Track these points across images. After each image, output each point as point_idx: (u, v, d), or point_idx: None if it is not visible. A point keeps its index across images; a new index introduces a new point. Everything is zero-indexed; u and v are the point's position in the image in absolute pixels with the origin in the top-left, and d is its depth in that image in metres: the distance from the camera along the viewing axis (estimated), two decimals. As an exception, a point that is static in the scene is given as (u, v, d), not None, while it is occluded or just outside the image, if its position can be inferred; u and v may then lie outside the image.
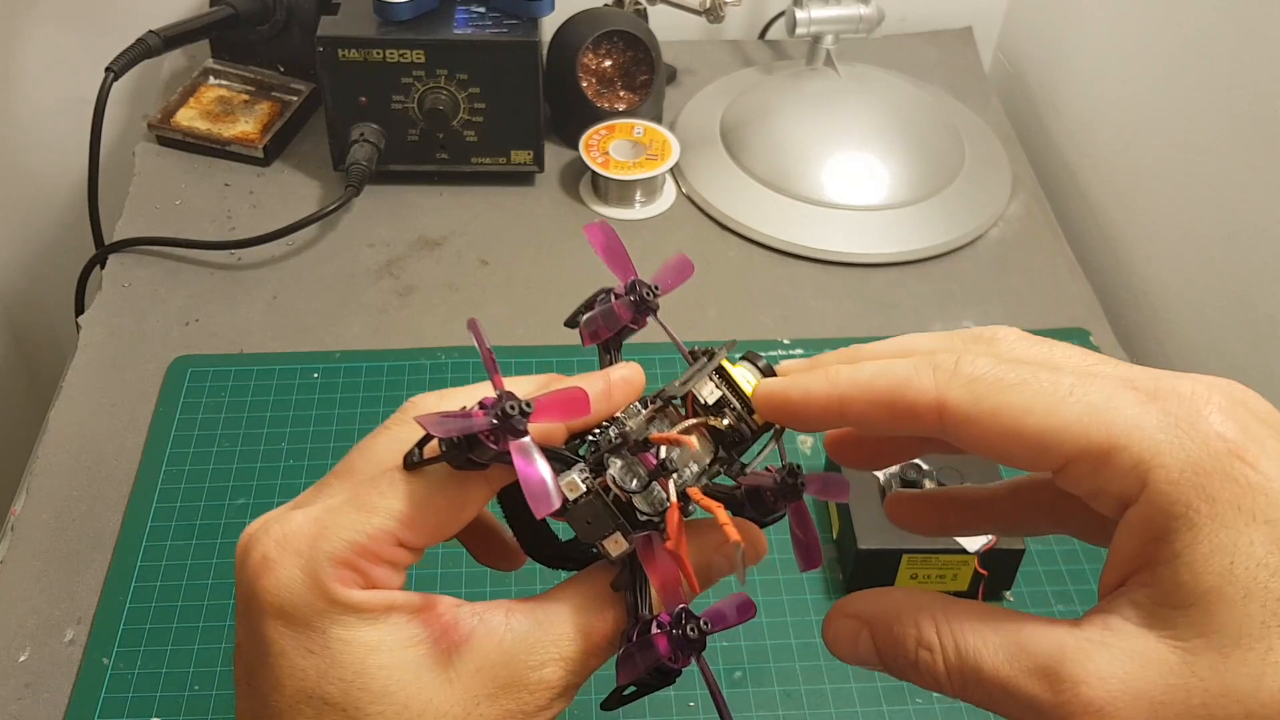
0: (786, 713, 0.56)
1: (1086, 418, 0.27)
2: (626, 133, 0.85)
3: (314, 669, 0.30)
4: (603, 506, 0.32)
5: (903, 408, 0.29)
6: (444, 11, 0.80)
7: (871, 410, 0.30)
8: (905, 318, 0.76)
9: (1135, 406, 0.27)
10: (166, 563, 0.61)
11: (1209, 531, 0.25)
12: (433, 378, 0.71)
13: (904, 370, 0.30)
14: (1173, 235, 0.80)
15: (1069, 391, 0.27)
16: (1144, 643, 0.26)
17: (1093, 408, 0.27)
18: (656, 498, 0.32)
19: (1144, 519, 0.26)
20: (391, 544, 0.31)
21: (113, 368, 0.71)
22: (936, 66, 0.99)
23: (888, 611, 0.31)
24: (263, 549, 0.30)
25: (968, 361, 0.29)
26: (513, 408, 0.29)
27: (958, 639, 0.29)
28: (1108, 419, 0.27)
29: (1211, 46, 0.75)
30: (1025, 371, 0.28)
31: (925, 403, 0.29)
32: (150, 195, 0.84)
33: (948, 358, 0.29)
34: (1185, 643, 0.25)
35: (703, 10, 0.89)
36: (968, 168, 0.87)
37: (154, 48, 0.82)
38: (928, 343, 0.32)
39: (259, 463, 0.66)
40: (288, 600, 0.30)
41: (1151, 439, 0.26)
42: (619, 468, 0.32)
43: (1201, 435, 0.26)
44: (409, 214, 0.83)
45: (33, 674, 0.56)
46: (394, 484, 0.31)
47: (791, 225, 0.82)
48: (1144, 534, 0.26)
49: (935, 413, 0.29)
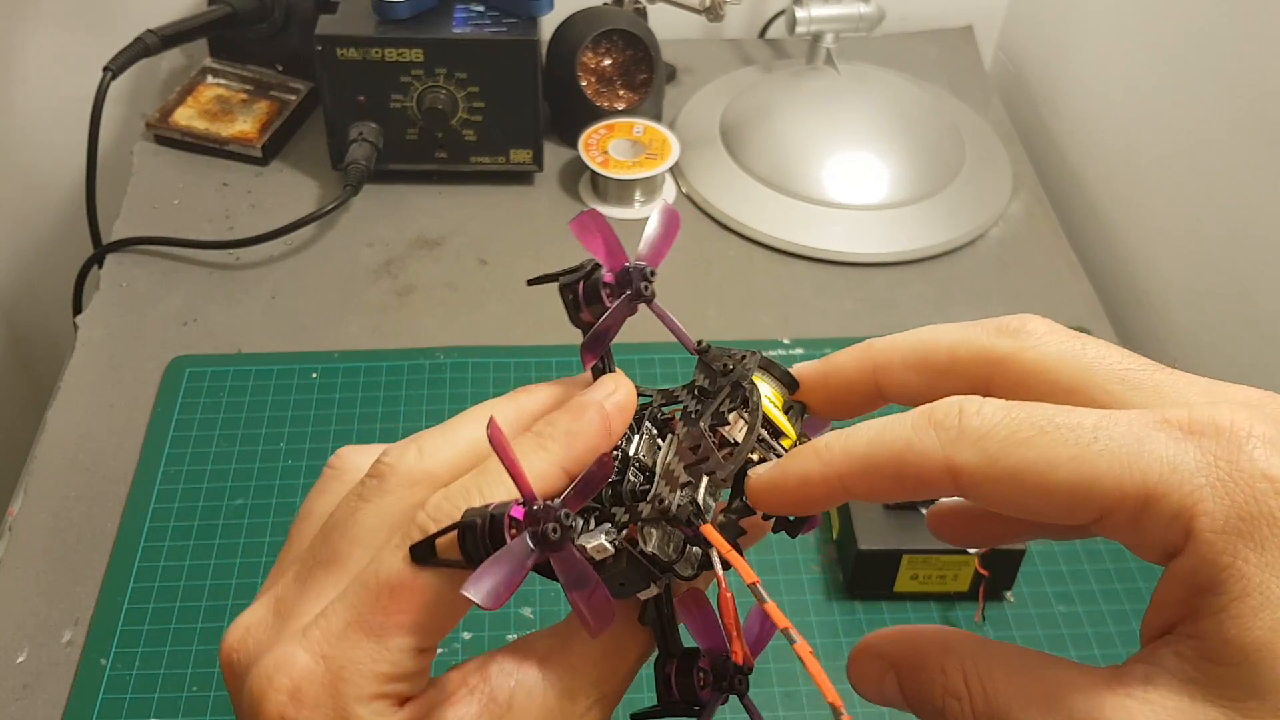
0: (787, 713, 0.56)
1: (1118, 467, 0.24)
2: (626, 132, 0.85)
3: None
4: (636, 564, 0.29)
5: (910, 479, 0.27)
6: (443, 10, 0.79)
7: (879, 484, 0.27)
8: (905, 318, 0.76)
9: (1170, 446, 0.24)
10: (164, 563, 0.61)
11: (1258, 583, 0.23)
12: (431, 377, 0.71)
13: (902, 435, 0.27)
14: (1174, 234, 0.80)
15: (1093, 437, 0.24)
16: (1189, 702, 0.24)
17: (1124, 454, 0.24)
18: (693, 556, 0.30)
19: (1189, 570, 0.24)
20: (414, 657, 0.29)
21: (111, 368, 0.71)
22: (937, 65, 0.99)
23: (914, 654, 0.29)
24: (278, 709, 0.28)
25: (973, 414, 0.26)
26: (555, 530, 0.27)
27: (987, 688, 0.27)
28: (1142, 466, 0.24)
29: (1213, 46, 0.75)
30: (1040, 417, 0.25)
31: (933, 470, 0.26)
32: (148, 195, 0.84)
33: (950, 412, 0.26)
34: (1235, 703, 0.23)
35: (702, 9, 0.89)
36: (968, 167, 0.87)
37: (152, 47, 0.81)
38: (947, 339, 0.30)
39: (257, 463, 0.66)
40: None
41: (1192, 484, 0.24)
42: (656, 539, 0.29)
43: (1246, 477, 0.23)
44: (408, 213, 0.83)
45: (31, 675, 0.56)
46: (400, 594, 0.29)
47: (791, 225, 0.82)
48: (1189, 585, 0.24)
49: (947, 479, 0.26)
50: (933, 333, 0.30)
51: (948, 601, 0.60)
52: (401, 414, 0.69)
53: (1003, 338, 0.29)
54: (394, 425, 0.68)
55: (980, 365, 0.29)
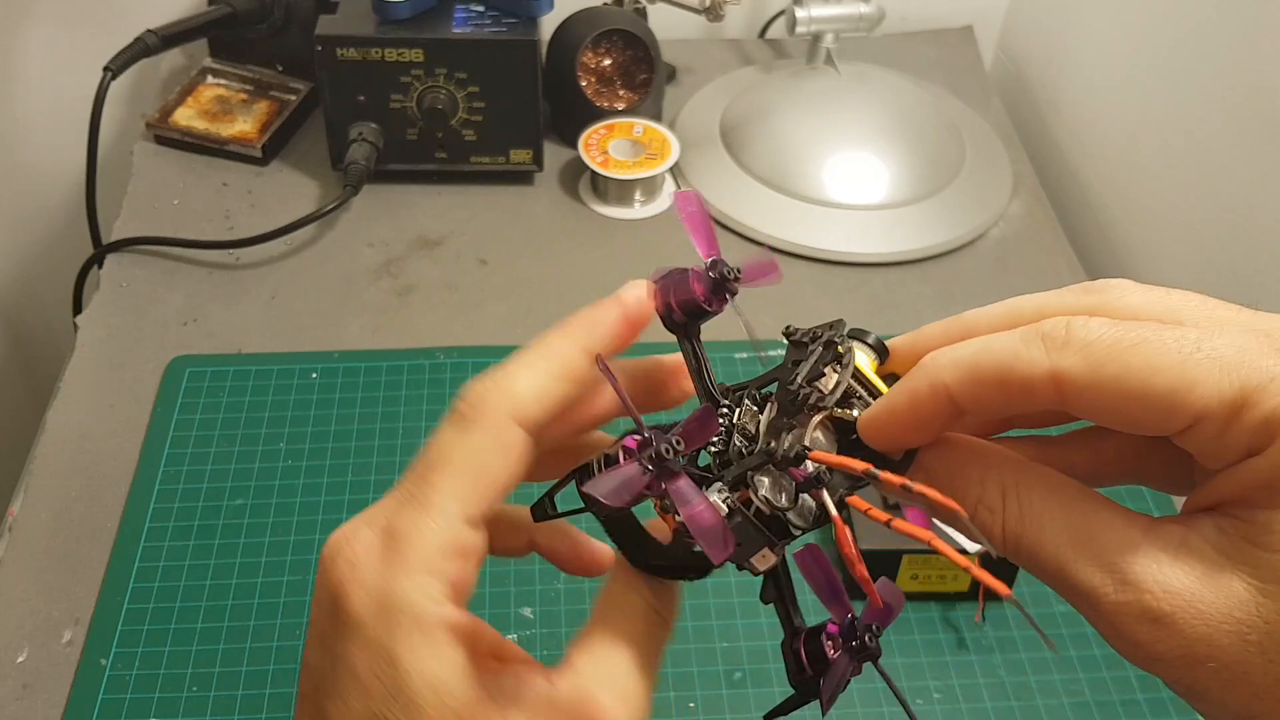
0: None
1: (1218, 373, 0.25)
2: (626, 132, 0.85)
3: (383, 692, 0.29)
4: (750, 526, 0.30)
5: (1015, 385, 0.27)
6: (443, 10, 0.79)
7: (983, 393, 0.28)
8: (906, 317, 0.76)
9: (1269, 358, 0.25)
10: (164, 563, 0.61)
11: None
12: (431, 377, 0.71)
13: (1009, 345, 0.27)
14: (1174, 234, 0.80)
15: (1195, 347, 0.25)
16: (1216, 571, 0.25)
17: (1224, 362, 0.25)
18: (807, 509, 0.30)
19: (1264, 468, 0.25)
20: (460, 528, 0.30)
21: (110, 368, 0.71)
22: (937, 65, 0.99)
23: (953, 460, 0.29)
24: (337, 578, 0.30)
25: (1080, 325, 0.27)
26: (668, 450, 0.28)
27: (1024, 509, 0.28)
28: (1241, 375, 0.25)
29: (1213, 45, 0.75)
30: (1145, 330, 0.26)
31: (1039, 376, 0.27)
32: (148, 194, 0.84)
33: (1057, 325, 0.27)
34: (1263, 584, 0.25)
35: (702, 9, 0.89)
36: (968, 167, 0.87)
37: (152, 47, 0.81)
38: (1035, 302, 0.30)
39: (257, 463, 0.66)
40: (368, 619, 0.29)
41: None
42: (768, 486, 0.30)
43: None
44: (408, 213, 0.83)
45: (31, 675, 0.56)
46: (440, 464, 0.31)
47: (791, 225, 0.82)
48: (1257, 481, 0.25)
49: (1052, 386, 0.27)
50: (1021, 299, 0.31)
51: (948, 601, 0.60)
52: (401, 414, 0.69)
53: (1089, 295, 0.29)
54: (394, 425, 0.68)
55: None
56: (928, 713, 0.56)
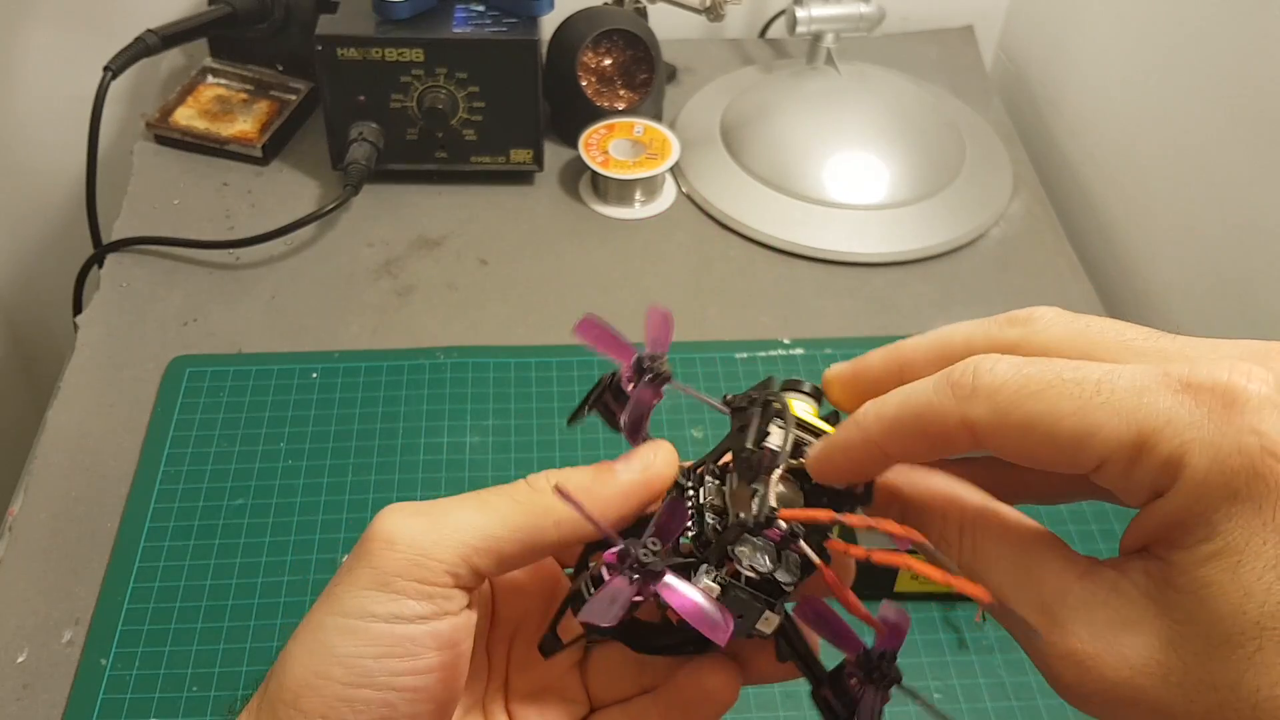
0: (787, 713, 0.56)
1: (1117, 418, 0.26)
2: (626, 132, 0.85)
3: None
4: (745, 595, 0.31)
5: (934, 436, 0.29)
6: (443, 10, 0.79)
7: (910, 444, 0.29)
8: (906, 318, 0.76)
9: (1167, 399, 0.26)
10: (165, 563, 0.61)
11: (1224, 530, 0.25)
12: (431, 377, 0.71)
13: (924, 396, 0.29)
14: (1174, 234, 0.80)
15: (1096, 390, 0.26)
16: (1142, 614, 0.26)
17: (1124, 405, 0.26)
18: (793, 562, 0.31)
19: (1171, 509, 0.26)
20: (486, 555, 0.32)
21: (111, 368, 0.71)
22: (937, 65, 0.99)
23: (921, 496, 0.31)
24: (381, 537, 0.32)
25: (986, 372, 0.28)
26: (645, 554, 0.29)
27: (977, 546, 0.30)
28: (1139, 417, 0.26)
29: (1213, 45, 0.75)
30: (1050, 373, 0.27)
31: (953, 426, 0.28)
32: (148, 194, 0.84)
33: (965, 372, 0.28)
34: (1179, 624, 0.26)
35: (703, 9, 0.89)
36: (969, 167, 0.87)
37: (152, 46, 0.81)
38: (962, 332, 0.31)
39: (257, 463, 0.66)
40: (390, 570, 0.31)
41: (1183, 436, 0.25)
42: (749, 554, 0.31)
43: (1234, 430, 0.25)
44: (408, 213, 0.83)
45: (31, 675, 0.56)
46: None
47: (791, 225, 0.82)
48: (1169, 521, 0.26)
49: (966, 434, 0.28)
50: (951, 329, 0.32)
51: (948, 602, 0.60)
52: (401, 414, 0.69)
53: (1013, 327, 0.30)
54: (394, 425, 0.68)
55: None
56: (928, 713, 0.56)
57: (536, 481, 0.33)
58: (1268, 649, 0.24)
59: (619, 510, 0.33)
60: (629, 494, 0.33)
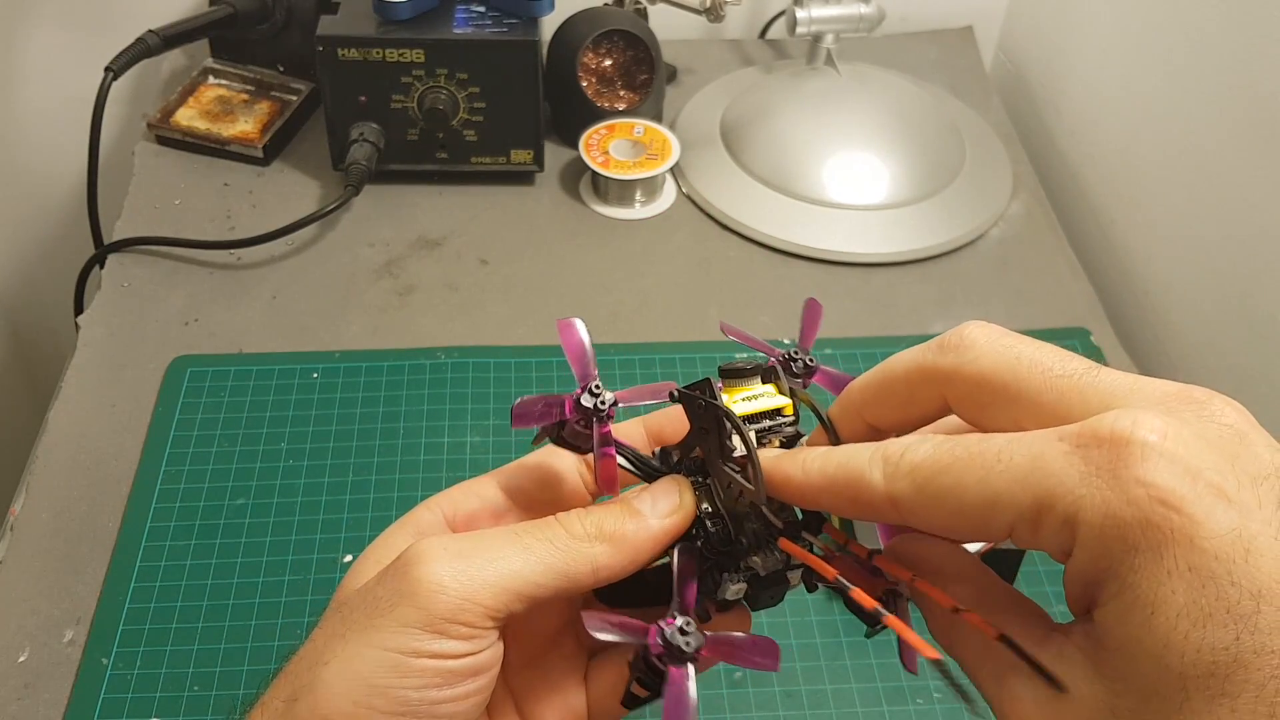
0: (787, 713, 0.56)
1: (1016, 485, 0.27)
2: (626, 132, 0.85)
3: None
4: (766, 578, 0.34)
5: (864, 504, 0.30)
6: (444, 11, 0.80)
7: (841, 505, 0.31)
8: (905, 318, 0.76)
9: (1060, 460, 0.26)
10: (166, 563, 0.61)
11: (1131, 583, 0.25)
12: (432, 377, 0.71)
13: (860, 466, 0.30)
14: (1174, 234, 0.80)
15: (997, 459, 0.27)
16: (1082, 677, 0.27)
17: (1021, 473, 0.27)
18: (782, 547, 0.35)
19: (1079, 569, 0.26)
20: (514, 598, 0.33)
21: (112, 368, 0.71)
22: (937, 66, 0.99)
23: (932, 563, 0.32)
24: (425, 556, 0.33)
25: (912, 450, 0.29)
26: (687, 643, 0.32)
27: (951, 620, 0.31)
28: (1034, 481, 0.26)
29: (1213, 46, 0.75)
30: (959, 447, 0.28)
31: (880, 500, 0.29)
32: (149, 195, 0.84)
33: (895, 449, 0.29)
34: (1114, 684, 0.26)
35: (703, 9, 0.89)
36: (968, 167, 0.87)
37: (153, 47, 0.82)
38: (903, 362, 0.32)
39: (258, 463, 0.66)
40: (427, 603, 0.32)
41: (1074, 495, 0.26)
42: (762, 561, 0.34)
43: (1123, 484, 0.25)
44: (409, 214, 0.83)
45: (32, 674, 0.56)
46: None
47: (791, 225, 0.82)
48: (1082, 581, 0.27)
49: (891, 508, 0.29)
50: (890, 364, 0.33)
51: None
52: (402, 414, 0.69)
53: (945, 355, 0.31)
54: (395, 425, 0.68)
55: (933, 386, 0.31)
56: (928, 713, 0.56)
57: (573, 527, 0.34)
58: (1195, 700, 0.24)
59: (651, 554, 0.34)
60: (659, 540, 0.34)
